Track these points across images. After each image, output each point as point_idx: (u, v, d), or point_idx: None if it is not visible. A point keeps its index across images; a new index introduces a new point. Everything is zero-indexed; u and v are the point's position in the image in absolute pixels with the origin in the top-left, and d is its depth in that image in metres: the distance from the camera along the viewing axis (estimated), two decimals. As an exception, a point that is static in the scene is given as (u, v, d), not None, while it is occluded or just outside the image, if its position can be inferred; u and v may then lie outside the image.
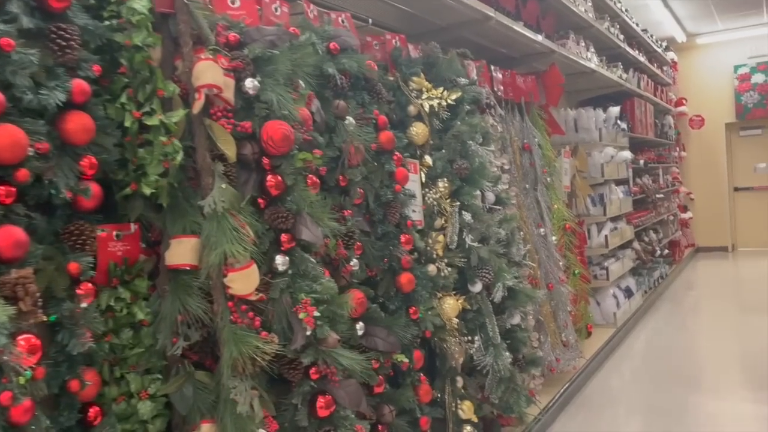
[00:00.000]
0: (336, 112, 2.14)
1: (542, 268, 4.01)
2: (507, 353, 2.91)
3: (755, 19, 9.49)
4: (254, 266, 1.58)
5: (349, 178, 2.16)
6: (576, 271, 4.19)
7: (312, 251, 1.85)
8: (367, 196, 2.28)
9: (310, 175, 1.96)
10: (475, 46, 4.22)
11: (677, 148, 10.26)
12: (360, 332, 2.12)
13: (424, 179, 2.64)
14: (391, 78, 2.68)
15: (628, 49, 6.72)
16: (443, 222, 2.65)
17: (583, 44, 5.27)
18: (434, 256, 2.56)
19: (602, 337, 5.18)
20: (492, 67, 3.74)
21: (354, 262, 2.15)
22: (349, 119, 2.18)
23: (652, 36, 8.46)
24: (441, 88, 2.74)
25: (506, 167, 3.43)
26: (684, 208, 10.25)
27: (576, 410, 3.97)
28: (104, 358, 1.47)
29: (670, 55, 9.87)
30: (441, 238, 2.61)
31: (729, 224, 10.68)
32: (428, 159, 2.65)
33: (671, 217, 9.01)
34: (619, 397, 4.22)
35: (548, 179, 4.13)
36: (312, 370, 1.71)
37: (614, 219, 6.00)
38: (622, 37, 6.53)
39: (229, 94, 1.67)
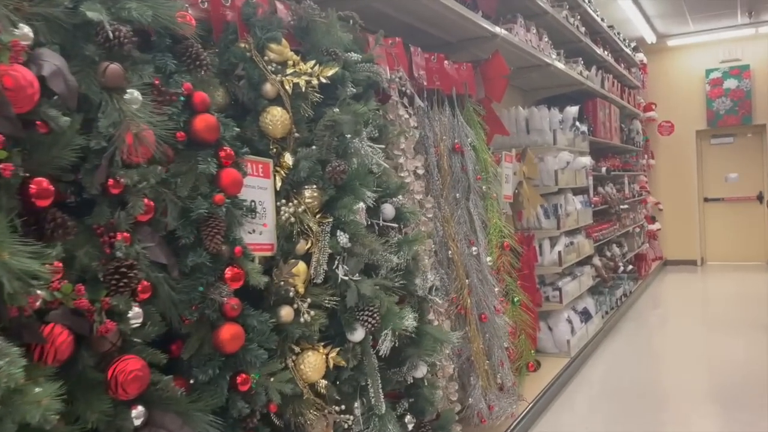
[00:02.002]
0: (103, 81, 1.39)
1: (474, 296, 3.29)
2: (407, 417, 2.18)
3: (729, 20, 8.96)
4: None
5: (124, 182, 1.40)
6: (516, 299, 3.48)
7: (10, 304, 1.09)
8: (167, 210, 1.52)
9: (38, 178, 1.22)
10: (404, 28, 3.51)
11: (645, 156, 9.69)
12: (138, 422, 1.37)
13: (279, 186, 1.89)
14: (243, 45, 1.93)
15: (590, 44, 6.07)
16: (308, 246, 1.91)
17: (535, 32, 4.58)
18: (291, 294, 1.82)
19: (552, 369, 4.49)
20: (411, 48, 3.02)
21: (134, 312, 1.40)
22: (132, 93, 1.43)
23: (619, 34, 7.85)
24: (313, 62, 2.00)
25: (420, 171, 2.70)
26: (652, 219, 9.67)
27: (511, 470, 3.26)
28: None
29: (639, 57, 9.29)
30: (302, 268, 1.87)
31: (698, 237, 10.14)
32: (288, 158, 1.91)
33: (637, 229, 8.40)
34: (565, 451, 3.53)
35: (484, 188, 3.42)
36: None
37: (570, 233, 5.33)
38: (583, 30, 5.88)
39: None
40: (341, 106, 2.03)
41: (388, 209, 2.24)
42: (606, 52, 6.92)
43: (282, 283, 1.80)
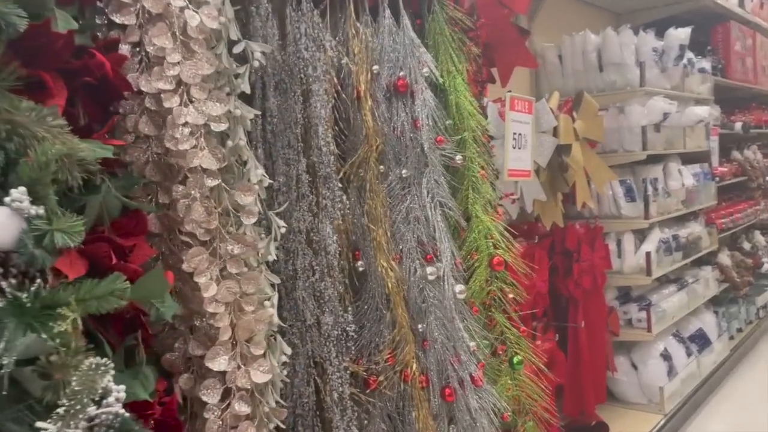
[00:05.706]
0: None
1: (431, 354, 1.82)
2: None
3: None
4: None
5: None
6: (516, 359, 1.93)
7: None
8: None
9: None
10: None
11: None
12: None
13: None
14: None
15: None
16: None
17: None
18: None
19: (628, 439, 2.89)
20: None
21: None
22: None
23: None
24: None
25: (220, 127, 1.25)
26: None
27: None
28: None
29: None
30: None
31: None
32: None
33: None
34: None
35: (458, 158, 1.89)
36: None
37: (676, 221, 3.56)
38: None
39: None
40: None
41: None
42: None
43: None
